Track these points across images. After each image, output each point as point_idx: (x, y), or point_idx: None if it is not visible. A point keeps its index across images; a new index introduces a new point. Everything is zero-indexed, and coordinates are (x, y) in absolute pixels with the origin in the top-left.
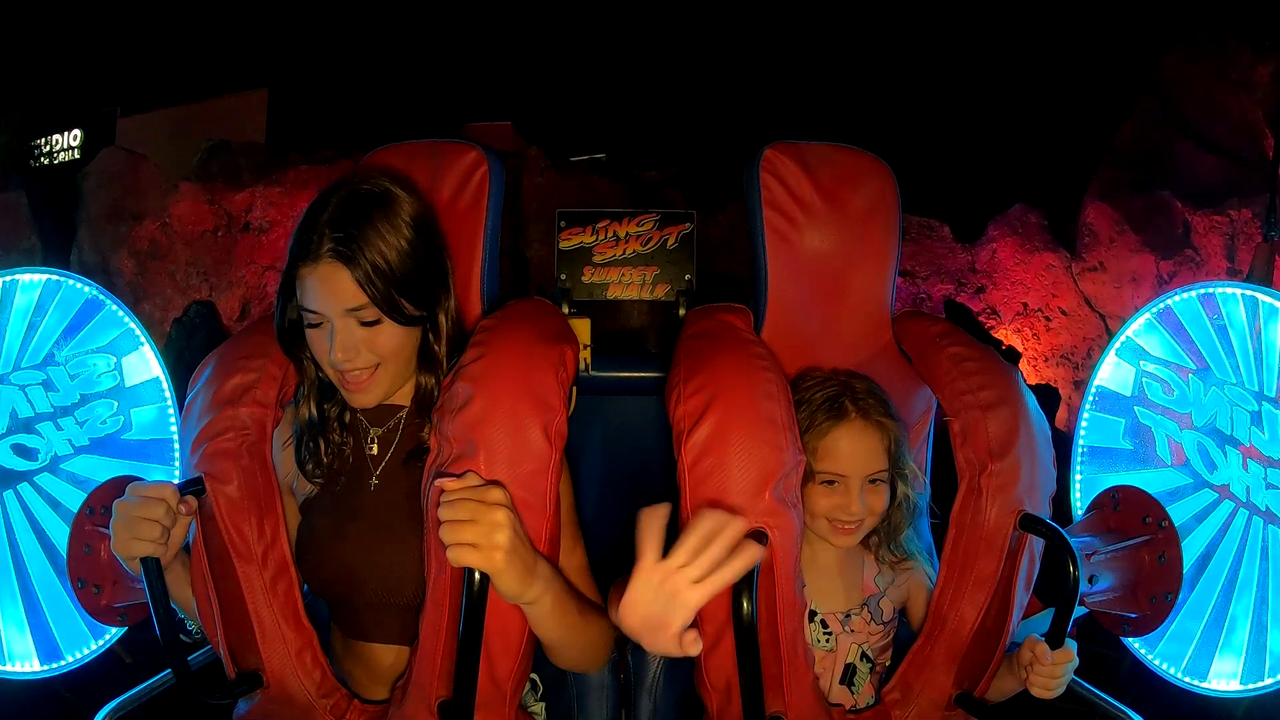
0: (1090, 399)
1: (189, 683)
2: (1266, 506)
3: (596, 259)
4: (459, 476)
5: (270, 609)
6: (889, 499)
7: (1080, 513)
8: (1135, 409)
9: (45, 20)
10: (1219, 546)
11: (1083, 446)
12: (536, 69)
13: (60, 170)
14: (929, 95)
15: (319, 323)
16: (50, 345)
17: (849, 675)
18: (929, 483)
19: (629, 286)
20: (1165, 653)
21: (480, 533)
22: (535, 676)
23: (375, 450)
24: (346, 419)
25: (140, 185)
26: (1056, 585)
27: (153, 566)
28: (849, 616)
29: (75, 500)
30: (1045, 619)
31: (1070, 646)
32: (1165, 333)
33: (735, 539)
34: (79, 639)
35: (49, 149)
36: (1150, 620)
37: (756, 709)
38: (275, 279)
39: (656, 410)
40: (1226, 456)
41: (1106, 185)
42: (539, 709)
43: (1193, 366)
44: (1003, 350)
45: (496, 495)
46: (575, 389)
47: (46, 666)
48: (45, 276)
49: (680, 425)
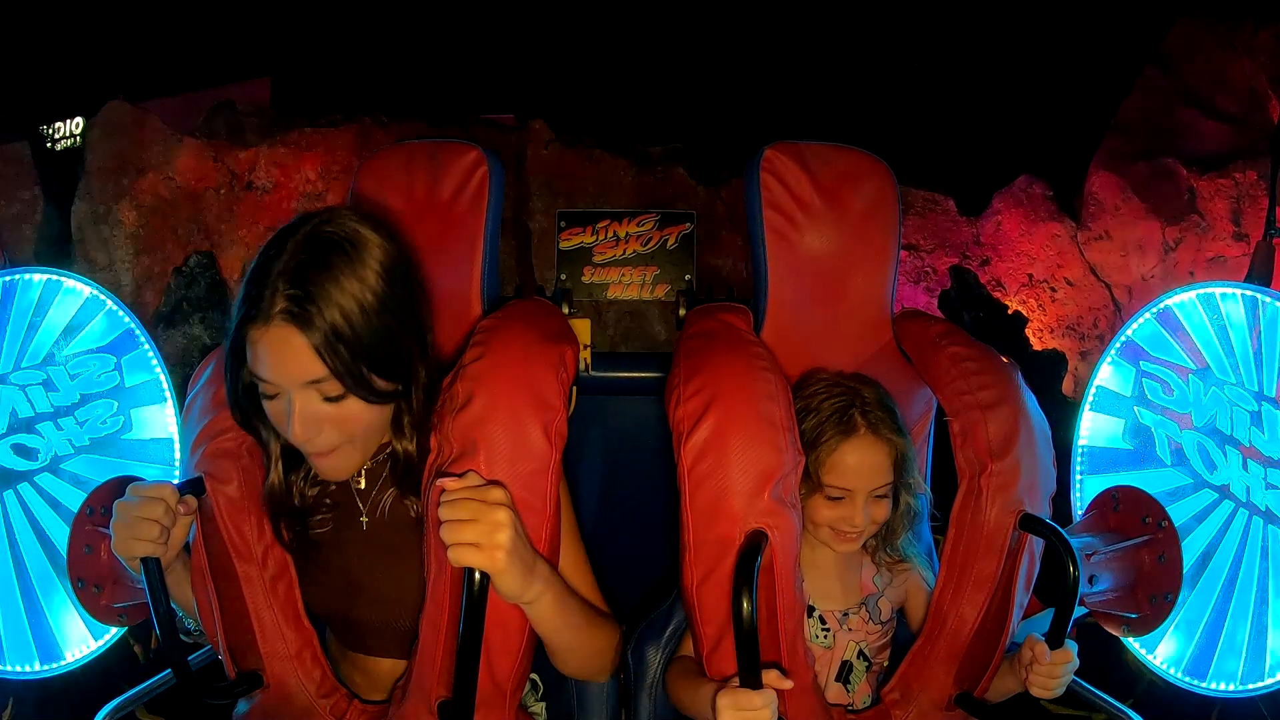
0: (1090, 399)
1: (189, 683)
2: (1266, 506)
3: (596, 259)
4: (460, 476)
5: (270, 609)
6: (891, 509)
7: (1080, 513)
8: (1135, 409)
9: (49, 8)
10: (1219, 546)
11: (1083, 446)
12: (541, 44)
13: (63, 156)
14: (932, 69)
15: (274, 394)
16: (50, 345)
17: (845, 673)
18: (929, 483)
19: (629, 286)
20: (1165, 653)
21: (481, 532)
22: (535, 676)
23: (363, 484)
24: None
25: (145, 139)
26: (1056, 585)
27: (153, 566)
28: (847, 615)
29: (75, 500)
30: (1045, 619)
31: (1070, 646)
32: (1165, 333)
33: None
34: (79, 639)
35: (51, 135)
36: (1150, 620)
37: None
38: None
39: (656, 410)
40: (1226, 456)
41: (1111, 155)
42: (539, 709)
43: (1193, 366)
44: (1009, 315)
45: (497, 495)
46: (575, 389)
47: (46, 666)
48: (45, 276)
49: (680, 426)
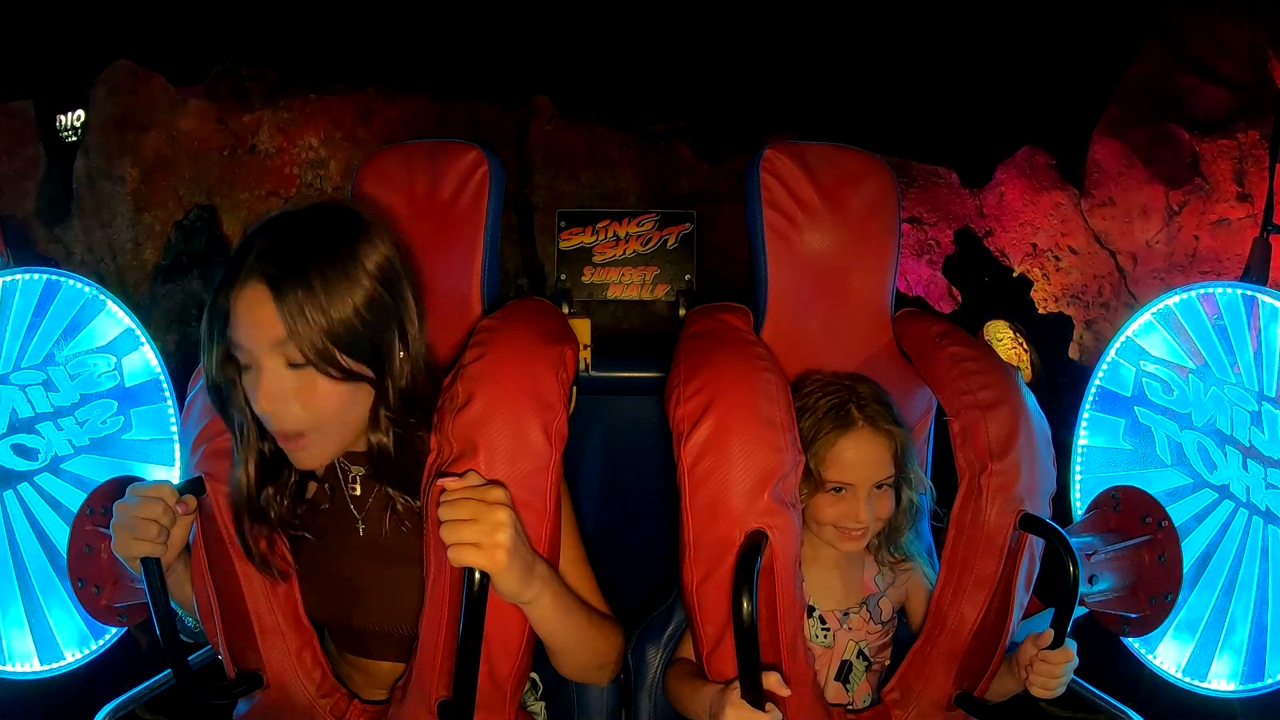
0: (1090, 399)
1: (189, 683)
2: (1266, 506)
3: (596, 259)
4: (460, 476)
5: (270, 609)
6: (894, 504)
7: (1080, 513)
8: (1135, 409)
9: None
10: (1219, 546)
11: (1083, 446)
12: (546, 21)
13: (66, 148)
14: (934, 43)
15: (248, 364)
16: (50, 345)
17: (844, 672)
18: (929, 483)
19: (629, 286)
20: (1165, 653)
21: (482, 532)
22: (535, 676)
23: (358, 490)
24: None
25: (150, 98)
26: (1056, 585)
27: (153, 566)
28: (848, 614)
29: (75, 500)
30: (1045, 619)
31: (1070, 646)
32: (1165, 332)
33: None
34: (79, 639)
35: (54, 128)
36: (1150, 620)
37: (757, 708)
38: (278, 205)
39: (656, 410)
40: (1226, 456)
41: (1113, 123)
42: (539, 708)
43: (1193, 366)
44: (1015, 278)
45: (497, 494)
46: (575, 389)
47: (46, 666)
48: (45, 276)
49: (680, 426)
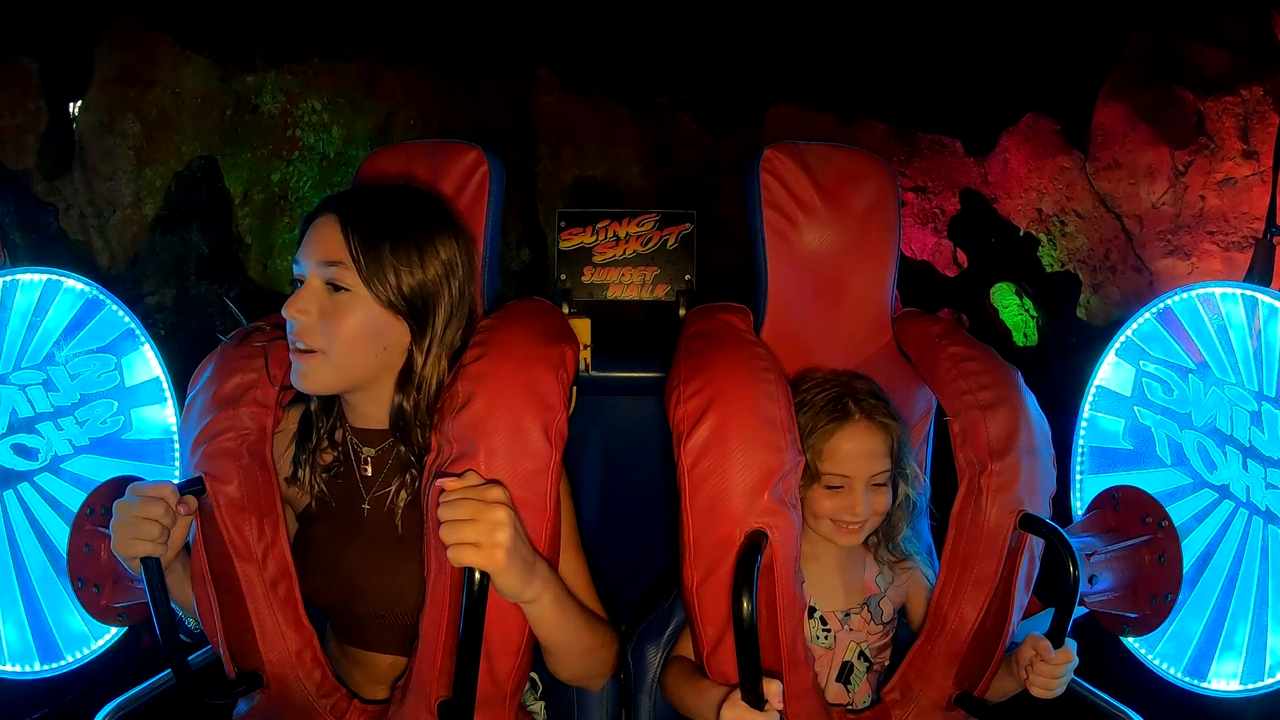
0: (1090, 399)
1: (189, 683)
2: (1266, 506)
3: (596, 259)
4: (459, 476)
5: (270, 609)
6: (891, 499)
7: (1080, 513)
8: (1135, 409)
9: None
10: (1219, 546)
11: (1083, 446)
12: None
13: (69, 104)
14: (937, 11)
15: (298, 278)
16: (50, 345)
17: (845, 673)
18: (929, 483)
19: (629, 286)
20: (1165, 653)
21: (481, 531)
22: (535, 675)
23: (369, 471)
24: (338, 436)
25: (153, 54)
26: (1056, 585)
27: (153, 566)
28: (849, 615)
29: (75, 500)
30: (1045, 619)
31: (1070, 646)
32: (1165, 333)
33: None
34: (79, 639)
35: (58, 84)
36: (1150, 620)
37: (756, 709)
38: (279, 167)
39: (656, 410)
40: (1226, 456)
41: (1117, 87)
42: (538, 708)
43: (1193, 366)
44: (1021, 237)
45: (496, 494)
46: (575, 389)
47: (46, 666)
48: (45, 276)
49: (680, 426)
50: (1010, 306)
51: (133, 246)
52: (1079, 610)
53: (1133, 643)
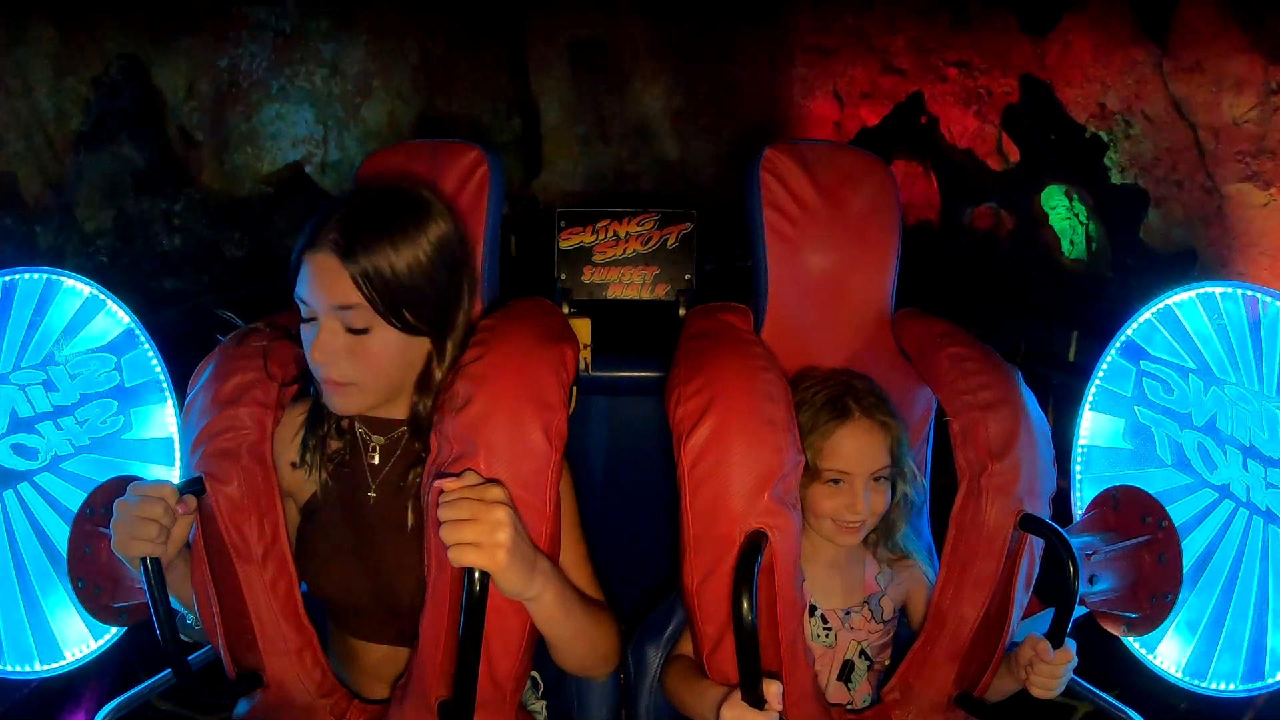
0: (1090, 398)
1: (189, 683)
2: (1266, 506)
3: (596, 259)
4: (457, 476)
5: (270, 609)
6: (890, 498)
7: (1080, 513)
8: (1135, 409)
9: None
10: (1219, 546)
11: (1083, 446)
12: None
13: None
14: None
15: (310, 317)
16: (50, 345)
17: (846, 672)
18: (929, 483)
19: (629, 286)
20: (1165, 653)
21: (481, 531)
22: (536, 674)
23: (376, 460)
24: (345, 424)
25: None
26: (1056, 585)
27: (153, 566)
28: (849, 614)
29: (75, 500)
30: (1045, 619)
31: (1070, 646)
32: (1165, 332)
33: None
34: (79, 639)
35: None
36: (1150, 620)
37: (756, 709)
38: (230, 51)
39: (656, 410)
40: (1226, 456)
41: None
42: (539, 707)
43: (1193, 366)
44: (1087, 138)
45: (496, 493)
46: (575, 389)
47: (46, 666)
48: (45, 276)
49: (680, 427)
50: (1059, 209)
51: (60, 170)
52: (1079, 610)
53: (1133, 643)
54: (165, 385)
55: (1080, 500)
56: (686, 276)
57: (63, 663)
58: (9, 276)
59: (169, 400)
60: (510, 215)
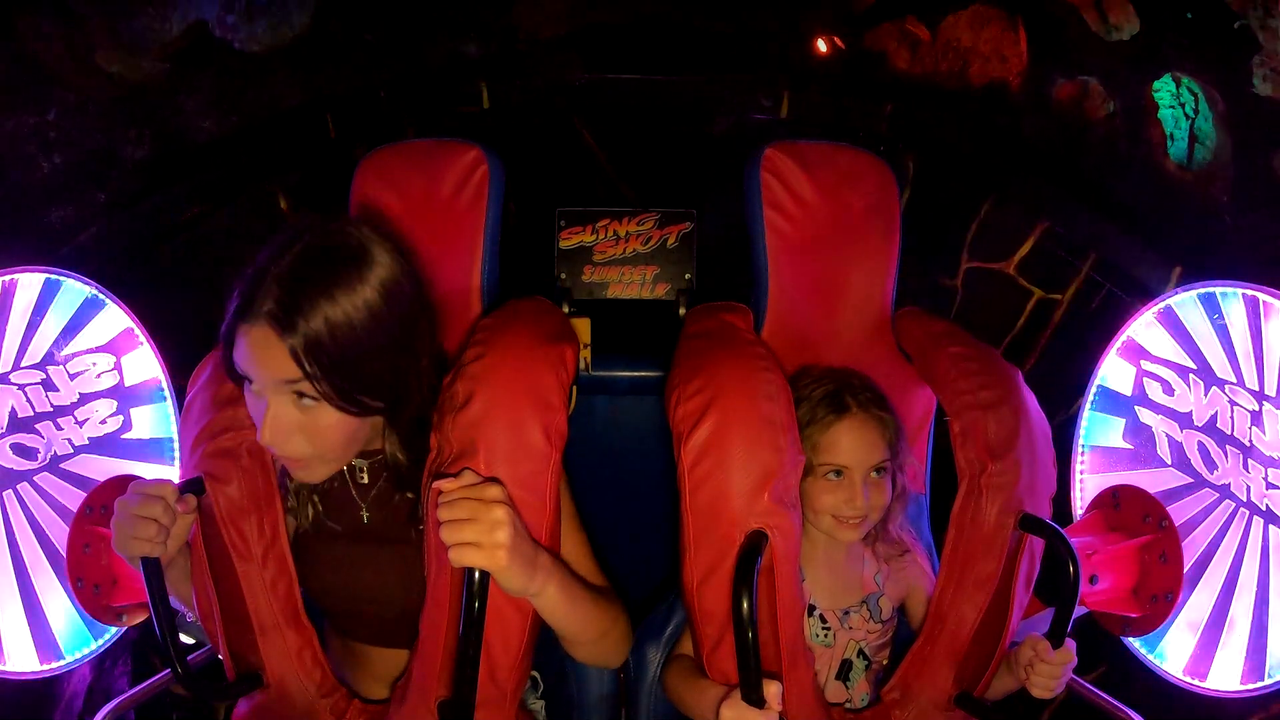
0: (1090, 398)
1: (189, 683)
2: (1266, 506)
3: (596, 258)
4: (454, 476)
5: (270, 609)
6: (891, 492)
7: (1080, 513)
8: (1135, 409)
9: None
10: (1219, 546)
11: (1083, 446)
12: None
13: None
14: None
15: (256, 389)
16: (50, 345)
17: (844, 671)
18: (929, 483)
19: (629, 286)
20: (1165, 653)
21: (481, 531)
22: (536, 674)
23: (365, 479)
24: None
25: None
26: (1056, 585)
27: (152, 566)
28: (848, 613)
29: (75, 500)
30: (1045, 619)
31: (1070, 646)
32: (1165, 332)
33: None
34: (79, 639)
35: None
36: (1150, 620)
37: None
38: None
39: (656, 410)
40: (1226, 456)
41: None
42: (539, 706)
43: (1193, 366)
44: (1235, 29)
45: (494, 493)
46: (575, 389)
47: (46, 666)
48: (45, 275)
49: (680, 427)
50: (1174, 106)
51: None
52: (1079, 610)
53: (1133, 643)
54: (165, 385)
55: (1080, 500)
56: (686, 276)
57: (63, 663)
58: (9, 276)
59: (169, 400)
60: (478, 53)
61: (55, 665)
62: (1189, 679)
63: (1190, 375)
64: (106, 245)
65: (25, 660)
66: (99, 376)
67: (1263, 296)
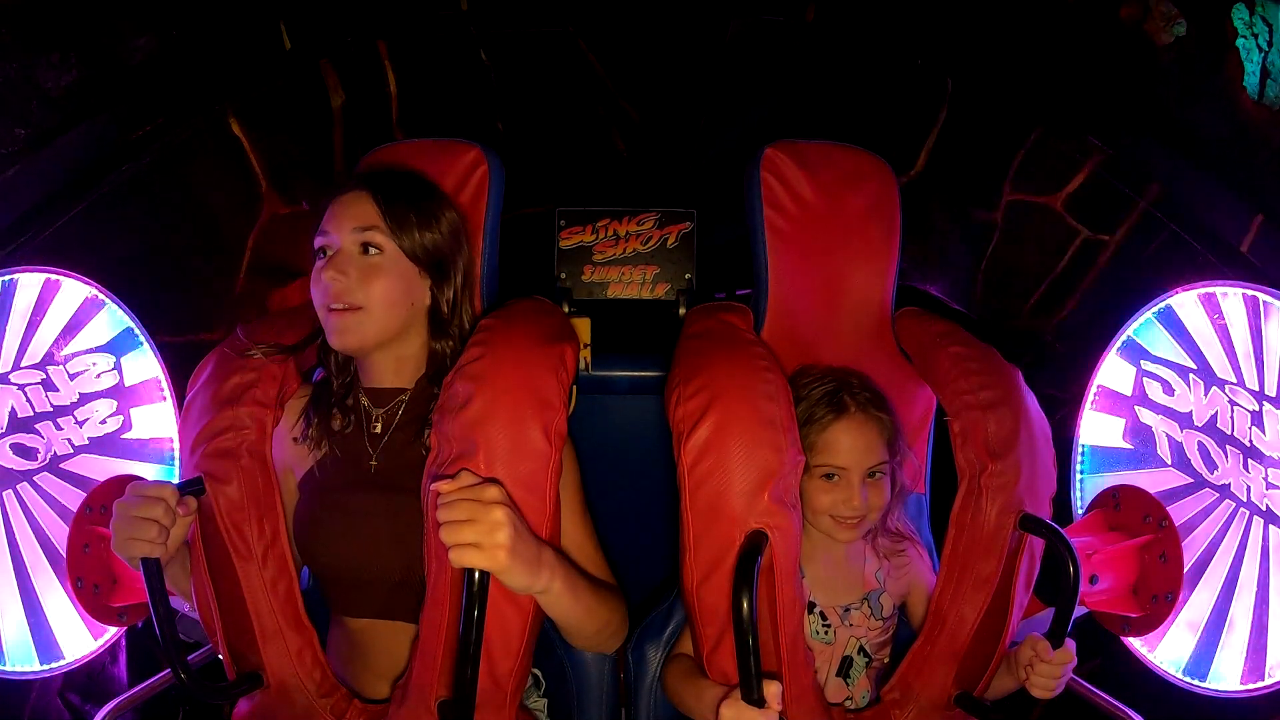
0: (1090, 398)
1: (189, 683)
2: (1266, 506)
3: (596, 258)
4: (452, 477)
5: (270, 609)
6: (889, 492)
7: (1080, 513)
8: (1135, 409)
9: None
10: (1219, 546)
11: (1083, 446)
12: None
13: None
14: None
15: (326, 250)
16: (50, 345)
17: (845, 668)
18: (929, 483)
19: (629, 286)
20: (1165, 653)
21: (481, 532)
22: (537, 672)
23: (379, 429)
24: (349, 402)
25: None
26: (1056, 585)
27: (152, 567)
28: (848, 611)
29: (75, 500)
30: (1045, 619)
31: (1070, 646)
32: (1165, 332)
33: None
34: (79, 639)
35: None
36: (1150, 620)
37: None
38: None
39: (656, 410)
40: (1226, 456)
41: None
42: (540, 705)
43: (1193, 366)
44: None
45: (493, 493)
46: (575, 388)
47: (46, 666)
48: (45, 275)
49: (680, 426)
50: (1238, 24)
51: None
52: (1079, 610)
53: (1133, 643)
54: (165, 385)
55: (1080, 500)
56: (686, 276)
57: (63, 663)
58: (9, 276)
59: (169, 400)
60: None
61: (55, 665)
62: (1189, 679)
63: (1190, 375)
64: (30, 190)
65: (25, 660)
66: (99, 376)
67: (1263, 296)
